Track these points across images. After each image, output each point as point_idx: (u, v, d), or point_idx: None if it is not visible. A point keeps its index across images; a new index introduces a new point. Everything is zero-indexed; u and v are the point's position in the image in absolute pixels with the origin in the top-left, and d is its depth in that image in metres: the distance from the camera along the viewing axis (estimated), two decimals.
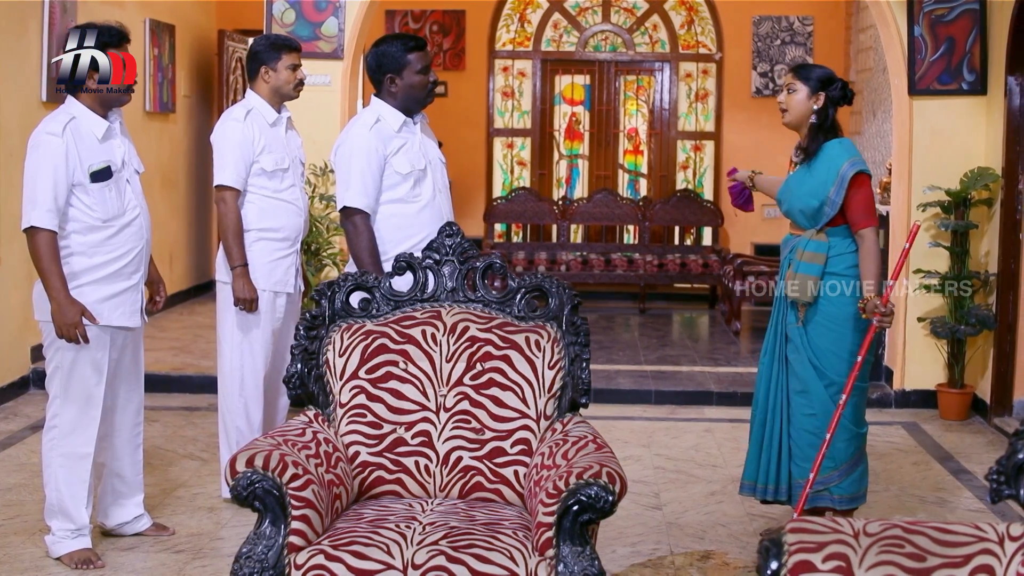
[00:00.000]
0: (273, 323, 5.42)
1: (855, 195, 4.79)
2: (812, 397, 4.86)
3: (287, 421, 3.79)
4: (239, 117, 5.34)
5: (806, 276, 4.83)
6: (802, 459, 4.89)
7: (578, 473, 3.30)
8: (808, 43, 11.77)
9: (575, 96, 12.51)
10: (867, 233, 4.81)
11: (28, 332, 7.63)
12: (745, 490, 5.07)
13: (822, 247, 4.84)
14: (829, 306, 4.85)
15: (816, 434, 4.84)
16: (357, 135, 4.93)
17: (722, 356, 8.96)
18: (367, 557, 3.26)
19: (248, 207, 5.35)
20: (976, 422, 7.23)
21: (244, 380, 5.39)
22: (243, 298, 5.29)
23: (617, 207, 11.87)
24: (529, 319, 3.95)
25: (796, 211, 4.94)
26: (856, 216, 4.81)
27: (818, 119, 4.89)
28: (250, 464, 3.36)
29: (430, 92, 5.06)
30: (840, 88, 4.91)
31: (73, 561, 4.61)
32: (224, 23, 11.40)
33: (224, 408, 5.46)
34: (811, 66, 5.04)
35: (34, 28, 7.60)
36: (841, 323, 4.83)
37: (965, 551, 2.61)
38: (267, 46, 5.45)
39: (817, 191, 4.83)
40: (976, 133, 7.35)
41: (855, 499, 4.90)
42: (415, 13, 12.04)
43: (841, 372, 4.82)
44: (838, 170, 4.78)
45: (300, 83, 5.47)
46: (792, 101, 4.94)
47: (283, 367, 5.60)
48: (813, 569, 2.57)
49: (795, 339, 4.91)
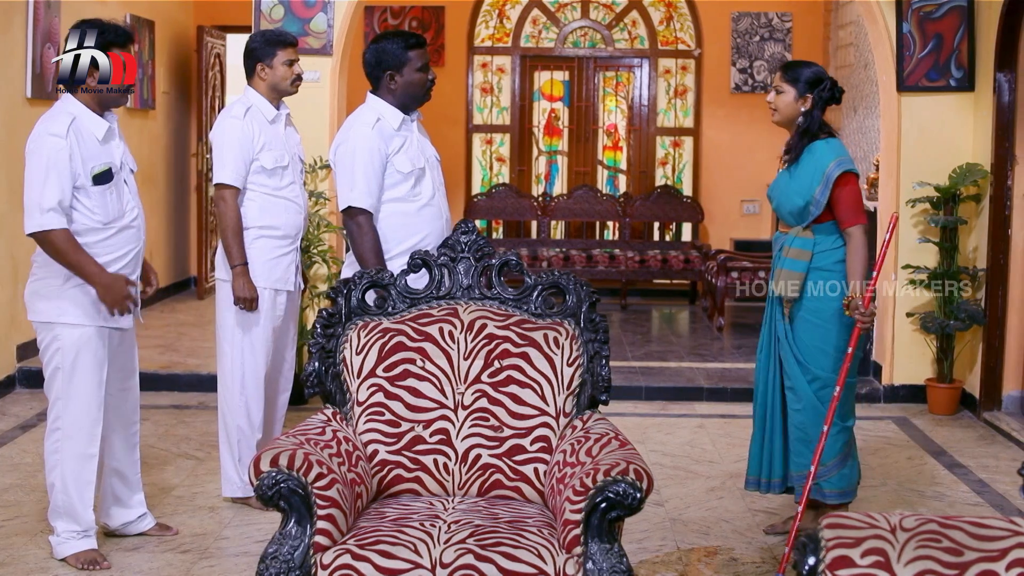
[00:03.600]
0: (274, 321, 5.38)
1: (841, 194, 4.81)
2: (798, 392, 4.89)
3: (306, 420, 3.76)
4: (239, 115, 5.30)
5: (791, 272, 4.86)
6: (795, 454, 4.93)
7: (605, 470, 3.30)
8: (787, 39, 11.81)
9: (554, 92, 12.50)
10: (854, 231, 4.83)
11: (14, 331, 7.56)
12: (750, 485, 5.09)
13: (807, 244, 4.87)
14: (814, 302, 4.87)
15: (803, 429, 4.88)
16: (359, 134, 4.90)
17: (708, 352, 8.99)
18: (395, 556, 3.24)
19: (248, 205, 5.31)
20: (965, 416, 7.29)
21: (245, 379, 5.36)
22: (243, 297, 5.26)
23: (597, 203, 11.88)
24: (546, 316, 3.95)
25: (784, 209, 4.97)
26: (843, 214, 4.83)
27: (804, 121, 4.91)
28: (274, 463, 3.34)
29: (428, 90, 5.05)
30: (829, 88, 4.92)
31: (79, 562, 4.57)
32: (203, 19, 11.32)
33: (224, 407, 5.42)
34: (800, 66, 5.02)
35: (18, 24, 7.52)
36: (826, 319, 4.85)
37: (1001, 545, 2.62)
38: (262, 42, 5.40)
39: (802, 190, 4.85)
40: (964, 129, 7.40)
41: (845, 494, 4.93)
42: (394, 9, 12.00)
43: (825, 367, 4.85)
44: (824, 170, 4.80)
45: (298, 78, 5.42)
46: (780, 102, 4.97)
47: (283, 365, 5.58)
48: (852, 564, 2.58)
49: (781, 335, 4.94)
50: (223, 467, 5.43)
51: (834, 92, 4.93)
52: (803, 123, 4.92)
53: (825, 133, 4.93)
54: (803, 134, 4.92)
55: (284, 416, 5.66)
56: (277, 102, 5.43)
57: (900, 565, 2.57)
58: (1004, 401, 7.15)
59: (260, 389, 5.39)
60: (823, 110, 4.93)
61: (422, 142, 5.05)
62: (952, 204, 7.29)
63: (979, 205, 7.29)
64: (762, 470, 5.04)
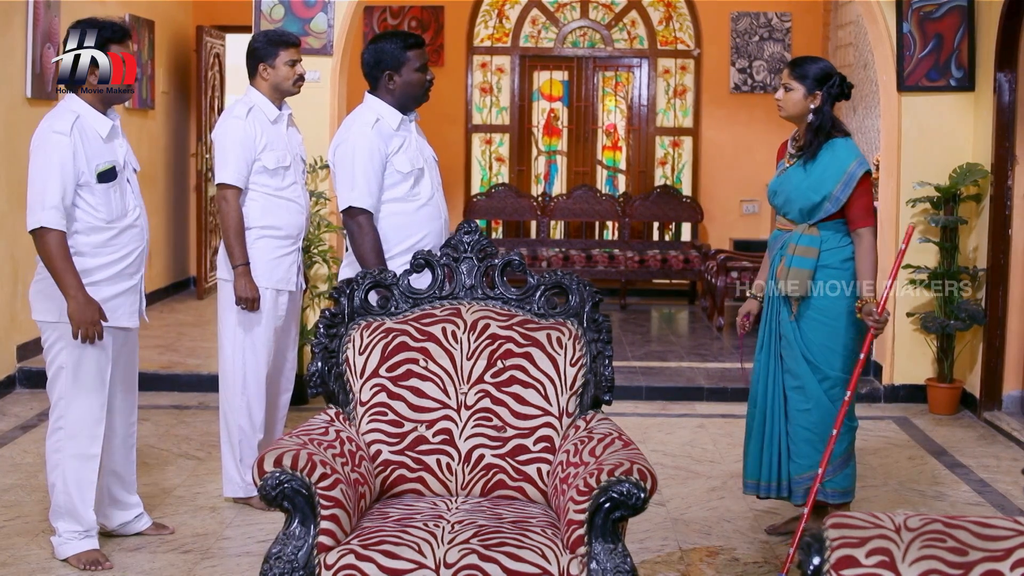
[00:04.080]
0: (275, 321, 5.38)
1: (858, 194, 4.82)
2: (808, 392, 4.87)
3: (309, 420, 3.76)
4: (241, 115, 5.29)
5: (799, 270, 4.84)
6: (799, 456, 4.90)
7: (609, 470, 3.30)
8: (786, 39, 11.81)
9: (553, 92, 12.50)
10: (865, 232, 4.83)
11: (15, 331, 7.56)
12: (748, 489, 5.07)
13: (814, 241, 4.85)
14: (822, 300, 4.86)
15: (812, 430, 4.86)
16: (359, 134, 4.89)
17: (708, 352, 8.99)
18: (398, 556, 3.24)
19: (250, 205, 5.30)
20: (966, 416, 7.29)
21: (247, 379, 5.35)
22: (245, 297, 5.25)
23: (597, 203, 11.88)
24: (549, 316, 3.95)
25: (793, 205, 4.92)
26: (856, 215, 4.83)
27: (816, 118, 4.89)
28: (278, 464, 3.33)
29: (427, 90, 5.05)
30: (838, 84, 4.90)
31: (81, 562, 4.56)
32: (202, 19, 11.32)
33: (226, 407, 5.42)
34: (808, 63, 5.00)
35: (18, 24, 7.52)
36: (834, 317, 4.84)
37: (1006, 545, 2.62)
38: (264, 42, 5.39)
39: (819, 187, 4.83)
40: (964, 129, 7.40)
41: (847, 493, 4.93)
42: (393, 9, 12.00)
43: (834, 366, 4.84)
44: (845, 168, 4.80)
45: (300, 78, 5.41)
46: (789, 100, 4.94)
47: (284, 365, 5.58)
48: (856, 564, 2.58)
49: (788, 335, 4.92)
50: (224, 467, 5.42)
51: (843, 88, 4.90)
52: (815, 120, 4.88)
53: (839, 132, 4.91)
54: (817, 131, 4.88)
55: (286, 416, 5.66)
56: (279, 102, 5.43)
57: (905, 565, 2.57)
58: (1004, 401, 7.15)
59: (262, 389, 5.38)
60: (832, 106, 4.91)
61: (420, 142, 5.05)
62: (952, 204, 7.29)
63: (979, 205, 7.29)
64: (762, 473, 5.01)
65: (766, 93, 11.78)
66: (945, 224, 7.26)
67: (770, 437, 4.98)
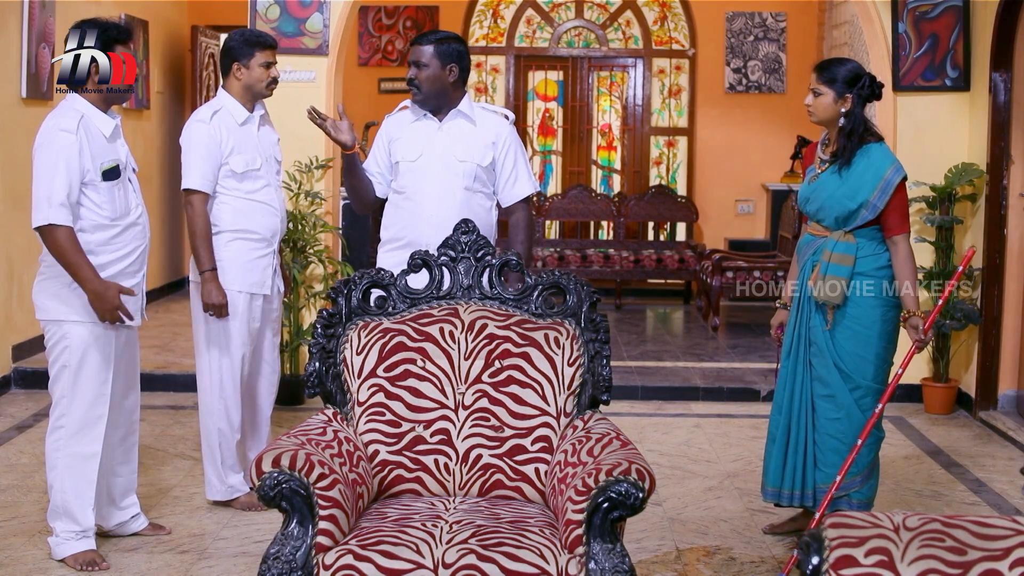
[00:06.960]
0: (250, 323, 5.31)
1: (895, 201, 4.73)
2: (838, 401, 4.80)
3: (306, 420, 3.75)
4: (204, 118, 5.23)
5: (836, 277, 4.75)
6: (826, 464, 4.83)
7: (607, 470, 3.30)
8: (781, 39, 11.82)
9: (548, 92, 12.51)
10: (901, 240, 4.76)
11: (10, 331, 7.54)
12: (769, 496, 4.99)
13: (850, 248, 4.76)
14: (856, 308, 4.77)
15: (840, 439, 4.79)
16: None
17: (704, 351, 8.99)
18: (397, 556, 3.24)
19: (222, 208, 5.24)
20: (961, 416, 7.30)
21: (223, 381, 5.29)
22: (212, 303, 5.19)
23: (592, 203, 11.88)
24: (547, 316, 3.94)
25: (828, 213, 4.81)
26: (892, 222, 4.75)
27: (848, 122, 4.77)
28: (276, 464, 3.33)
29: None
30: (868, 85, 4.78)
31: (78, 563, 4.56)
32: (197, 19, 11.32)
33: (204, 409, 5.37)
34: (835, 65, 4.86)
35: (13, 24, 7.51)
36: (868, 326, 4.76)
37: (1004, 544, 2.62)
38: (241, 42, 5.31)
39: (855, 193, 4.73)
40: (960, 129, 7.41)
41: (869, 504, 4.85)
42: (388, 9, 12.00)
43: (866, 375, 4.77)
44: (882, 175, 4.71)
45: (273, 81, 5.33)
46: (819, 105, 4.82)
47: (262, 368, 5.52)
48: (855, 563, 2.58)
49: (819, 342, 4.83)
50: (205, 471, 5.39)
51: (874, 88, 4.79)
52: (847, 124, 4.77)
53: (873, 135, 4.81)
54: (850, 135, 4.76)
55: (270, 420, 5.60)
56: (251, 104, 5.35)
57: (904, 564, 2.57)
58: (1000, 400, 7.16)
59: (237, 391, 5.33)
60: (863, 108, 4.80)
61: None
62: (948, 204, 7.29)
63: (975, 205, 7.30)
64: (784, 481, 4.93)
65: (761, 93, 11.81)
66: (941, 224, 7.27)
67: (795, 444, 4.91)
